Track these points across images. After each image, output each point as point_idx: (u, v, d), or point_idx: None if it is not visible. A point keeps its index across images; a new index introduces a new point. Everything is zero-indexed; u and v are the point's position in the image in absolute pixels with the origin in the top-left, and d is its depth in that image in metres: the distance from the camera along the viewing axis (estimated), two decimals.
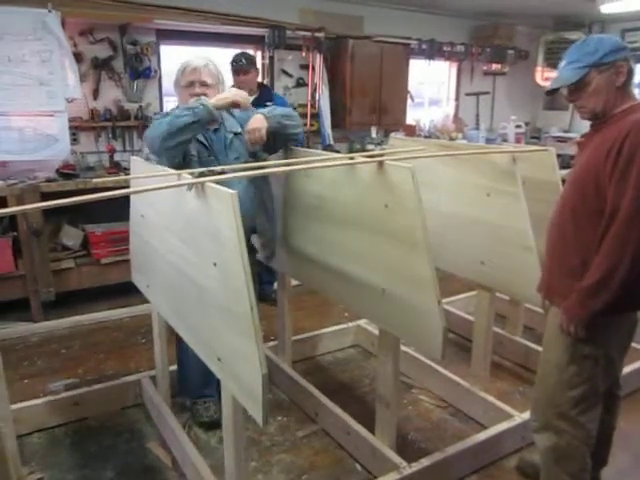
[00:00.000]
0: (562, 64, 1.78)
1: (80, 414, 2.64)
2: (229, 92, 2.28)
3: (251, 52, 4.54)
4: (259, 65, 4.62)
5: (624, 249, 1.59)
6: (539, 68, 6.41)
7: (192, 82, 2.29)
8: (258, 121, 2.32)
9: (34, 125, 3.68)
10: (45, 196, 3.49)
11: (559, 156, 3.04)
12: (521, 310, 3.34)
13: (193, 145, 2.30)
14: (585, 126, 1.87)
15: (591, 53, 1.70)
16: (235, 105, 2.25)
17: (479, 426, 2.59)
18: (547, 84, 6.64)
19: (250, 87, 3.73)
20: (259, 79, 4.10)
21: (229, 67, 3.70)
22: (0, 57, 3.52)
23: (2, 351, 1.96)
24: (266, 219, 2.52)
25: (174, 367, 2.73)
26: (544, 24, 6.35)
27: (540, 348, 2.07)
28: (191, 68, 2.29)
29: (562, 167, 3.05)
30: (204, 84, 2.30)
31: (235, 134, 2.41)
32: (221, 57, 4.11)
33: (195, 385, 2.60)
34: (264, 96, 3.80)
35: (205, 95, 2.26)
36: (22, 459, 2.29)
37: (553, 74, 6.15)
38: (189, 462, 2.20)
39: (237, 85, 3.73)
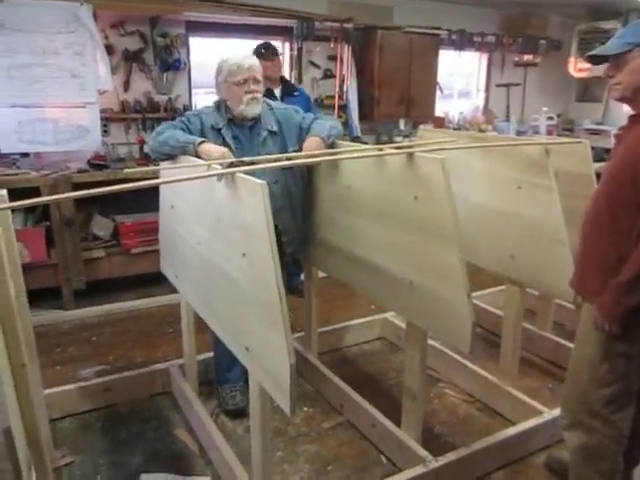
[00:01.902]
0: (615, 36, 1.75)
1: (110, 400, 2.69)
2: (219, 152, 2.10)
3: (279, 43, 4.55)
4: (287, 57, 4.64)
5: None
6: (572, 59, 6.24)
7: (246, 79, 2.33)
8: (315, 145, 2.32)
9: (67, 116, 3.75)
10: (77, 186, 3.55)
11: (592, 149, 2.95)
12: (551, 305, 3.29)
13: (217, 143, 2.32)
14: (619, 117, 1.82)
15: None
16: None
17: (507, 422, 2.56)
18: (581, 75, 6.45)
19: (275, 75, 3.73)
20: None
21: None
22: (34, 50, 3.59)
23: (35, 338, 2.00)
24: (292, 217, 2.51)
25: (202, 356, 2.77)
26: (578, 13, 6.18)
27: (570, 344, 2.03)
28: (247, 66, 2.33)
29: (595, 160, 2.97)
30: (256, 81, 2.36)
31: (270, 132, 2.42)
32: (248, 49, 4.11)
33: (222, 369, 2.64)
34: (289, 88, 3.83)
35: (257, 92, 2.35)
36: (54, 443, 2.36)
37: (587, 65, 6.00)
38: (216, 450, 2.23)
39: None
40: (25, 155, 3.83)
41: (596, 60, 1.80)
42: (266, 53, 3.63)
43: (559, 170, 2.42)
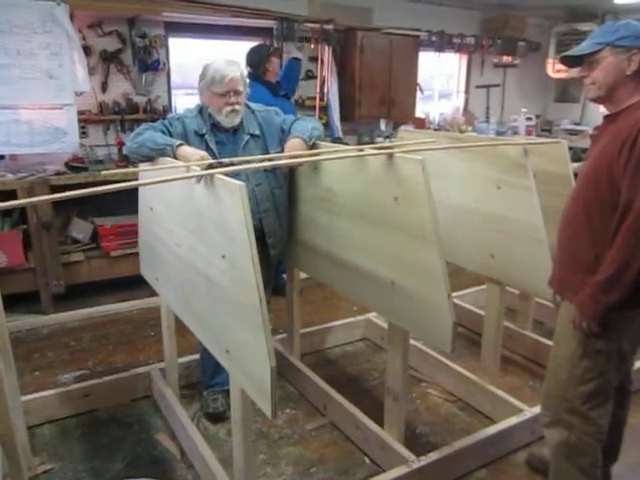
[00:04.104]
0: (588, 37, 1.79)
1: (90, 406, 2.65)
2: (198, 155, 2.05)
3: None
4: None
5: (638, 243, 1.56)
6: (550, 60, 6.33)
7: (228, 92, 2.31)
8: (297, 146, 2.31)
9: (43, 118, 3.69)
10: (54, 189, 3.50)
11: (570, 149, 3.00)
12: (531, 304, 3.32)
13: (199, 148, 2.29)
14: (596, 118, 1.85)
15: (611, 32, 1.69)
16: None
17: (488, 420, 2.58)
18: (559, 76, 6.54)
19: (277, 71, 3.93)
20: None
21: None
22: (9, 50, 3.52)
23: (13, 343, 1.97)
24: (277, 219, 2.50)
25: (183, 359, 2.74)
26: (556, 15, 6.27)
27: (550, 342, 2.05)
28: (229, 79, 2.30)
29: (573, 160, 3.02)
30: (237, 92, 2.34)
31: (252, 135, 2.41)
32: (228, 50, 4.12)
33: (208, 375, 2.62)
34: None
35: (237, 103, 2.33)
36: (33, 450, 2.31)
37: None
38: (197, 454, 2.21)
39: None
40: (0, 157, 3.76)
41: (571, 62, 1.83)
42: (278, 51, 4.04)
43: (538, 170, 2.45)
